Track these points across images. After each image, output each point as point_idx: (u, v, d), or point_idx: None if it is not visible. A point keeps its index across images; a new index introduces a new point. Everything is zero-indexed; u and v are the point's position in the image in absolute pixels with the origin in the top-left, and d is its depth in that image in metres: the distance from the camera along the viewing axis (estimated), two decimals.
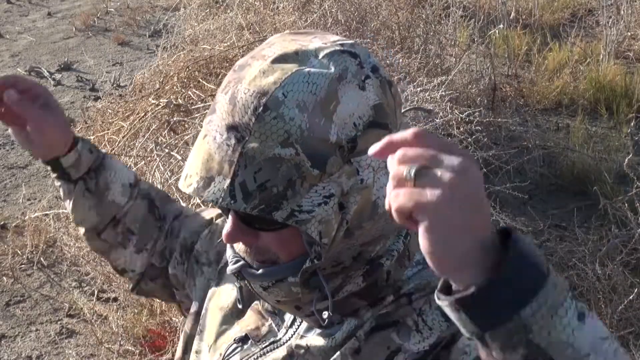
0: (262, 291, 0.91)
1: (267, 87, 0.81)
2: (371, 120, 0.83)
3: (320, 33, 0.89)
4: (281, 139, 0.80)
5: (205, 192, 0.83)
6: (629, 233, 3.17)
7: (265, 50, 0.86)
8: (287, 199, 0.80)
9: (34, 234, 3.84)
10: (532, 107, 4.84)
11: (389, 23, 4.50)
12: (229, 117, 0.82)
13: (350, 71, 0.83)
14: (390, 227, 0.88)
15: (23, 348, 3.24)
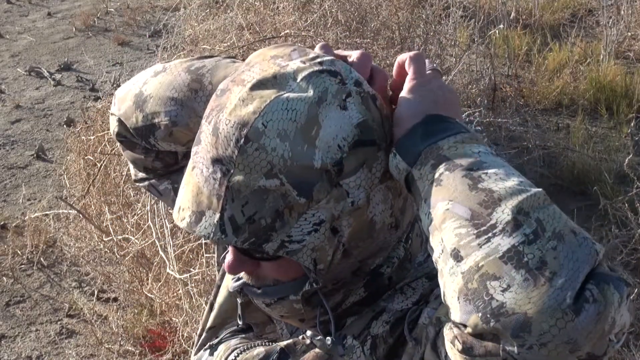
0: (265, 307, 0.92)
1: (247, 117, 0.79)
2: (356, 139, 0.81)
3: (299, 48, 0.87)
4: (265, 170, 0.79)
5: (197, 227, 0.82)
6: (629, 233, 3.17)
7: (245, 74, 0.84)
8: (276, 230, 0.80)
9: (34, 234, 3.84)
10: (532, 107, 4.84)
11: (389, 23, 4.50)
12: (213, 149, 0.81)
13: (330, 92, 0.81)
14: (390, 240, 0.88)
15: (23, 348, 3.24)
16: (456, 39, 4.90)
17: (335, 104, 0.81)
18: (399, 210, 0.87)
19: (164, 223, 2.74)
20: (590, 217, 3.55)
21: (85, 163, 3.65)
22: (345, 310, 0.92)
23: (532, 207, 0.70)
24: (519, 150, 4.14)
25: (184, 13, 5.26)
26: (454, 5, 4.92)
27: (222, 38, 4.14)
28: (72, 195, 3.83)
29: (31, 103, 5.74)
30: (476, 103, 4.43)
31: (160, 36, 6.07)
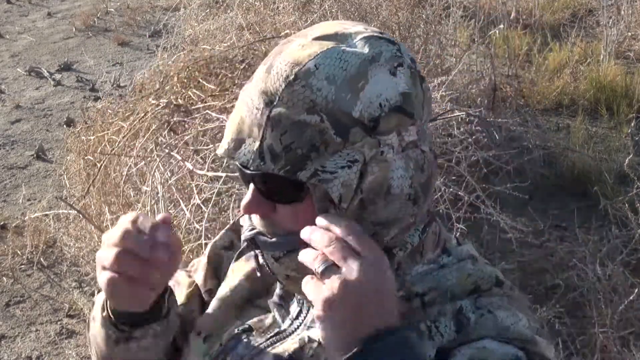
0: (273, 262, 0.92)
1: (301, 58, 0.85)
2: (397, 105, 0.85)
3: (365, 24, 0.92)
4: (307, 106, 0.83)
5: (237, 153, 0.87)
6: (629, 233, 3.16)
7: (310, 30, 0.90)
8: (312, 159, 0.84)
9: (34, 234, 3.84)
10: (533, 107, 4.84)
11: (389, 23, 4.49)
12: (262, 83, 0.86)
13: (384, 56, 0.86)
14: (406, 213, 0.89)
15: (23, 348, 3.24)
16: (456, 39, 4.90)
17: (387, 67, 0.86)
18: (419, 184, 0.89)
19: None
20: (590, 217, 3.55)
21: (85, 163, 3.65)
22: None
23: None
24: (519, 150, 4.14)
25: (184, 13, 5.26)
26: (454, 5, 4.92)
27: (222, 38, 4.14)
28: (72, 196, 3.83)
29: (31, 103, 5.74)
30: (476, 103, 4.42)
31: (160, 36, 6.08)
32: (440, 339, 0.88)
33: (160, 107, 3.34)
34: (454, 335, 0.88)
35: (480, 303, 0.90)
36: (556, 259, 3.29)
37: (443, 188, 3.00)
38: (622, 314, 2.74)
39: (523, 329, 0.88)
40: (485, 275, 0.94)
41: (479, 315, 0.88)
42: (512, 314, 0.89)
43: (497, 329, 0.87)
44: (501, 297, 0.91)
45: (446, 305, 0.91)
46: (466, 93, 4.40)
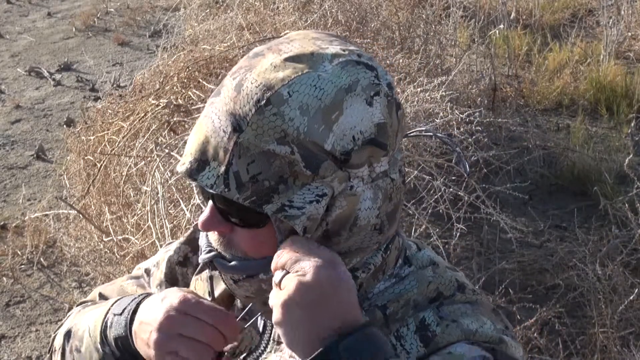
0: (232, 284, 0.90)
1: (274, 82, 0.80)
2: (372, 137, 0.82)
3: (342, 41, 0.88)
4: (277, 136, 0.79)
5: (200, 175, 0.83)
6: (629, 233, 3.16)
7: (283, 45, 0.85)
8: (279, 193, 0.81)
9: (34, 234, 3.84)
10: (533, 107, 4.84)
11: (389, 23, 4.49)
12: (230, 103, 0.82)
13: (361, 84, 0.82)
14: (370, 242, 0.88)
15: (23, 348, 3.24)
16: (456, 39, 4.90)
17: (363, 97, 0.82)
18: (386, 214, 0.87)
19: (164, 223, 2.73)
20: (590, 217, 3.55)
21: (85, 163, 3.64)
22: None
23: None
24: (519, 150, 4.14)
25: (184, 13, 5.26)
26: (454, 5, 4.91)
27: (222, 38, 4.14)
28: (72, 196, 3.83)
29: (31, 103, 5.74)
30: (476, 103, 4.42)
31: (160, 36, 6.08)
32: (405, 356, 0.87)
33: (160, 107, 3.33)
34: (423, 350, 0.87)
35: (442, 312, 0.89)
36: (556, 259, 3.29)
37: (443, 188, 3.00)
38: (622, 314, 2.74)
39: (489, 331, 0.87)
40: (446, 280, 0.93)
41: (444, 326, 0.87)
42: (476, 319, 0.88)
43: (465, 335, 0.86)
44: (464, 304, 0.90)
45: (409, 316, 0.89)
46: (466, 93, 4.40)
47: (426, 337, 0.87)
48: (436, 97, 3.41)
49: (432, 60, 4.42)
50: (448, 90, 3.55)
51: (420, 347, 0.87)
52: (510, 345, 0.88)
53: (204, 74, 3.62)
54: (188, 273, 1.09)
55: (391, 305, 0.91)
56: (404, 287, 0.92)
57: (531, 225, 3.63)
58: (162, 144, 3.09)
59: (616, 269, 2.86)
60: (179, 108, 3.29)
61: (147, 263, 1.17)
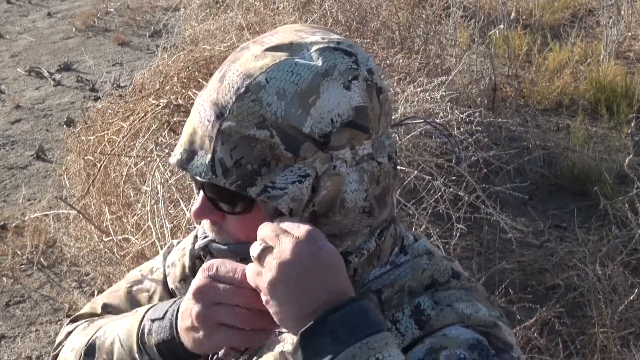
0: None
1: (253, 70, 0.84)
2: (350, 120, 0.84)
3: (326, 31, 0.90)
4: (256, 121, 0.83)
5: (189, 164, 0.86)
6: (629, 233, 3.16)
7: (267, 38, 0.88)
8: (262, 175, 0.84)
9: (34, 234, 3.84)
10: (533, 107, 4.84)
11: (389, 23, 4.49)
12: (214, 93, 0.86)
13: (338, 69, 0.84)
14: (360, 226, 0.89)
15: (23, 348, 3.24)
16: (456, 39, 4.90)
17: (340, 81, 0.84)
18: (374, 197, 0.89)
19: (164, 223, 2.73)
20: (590, 217, 3.55)
21: (85, 163, 3.64)
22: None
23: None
24: (519, 150, 4.14)
25: (184, 13, 5.26)
26: (454, 5, 4.91)
27: (222, 38, 4.14)
28: (72, 196, 3.83)
29: (31, 103, 5.74)
30: (476, 103, 4.42)
31: (160, 36, 6.08)
32: (401, 338, 0.88)
33: (160, 107, 3.33)
34: (418, 333, 0.88)
35: (437, 297, 0.90)
36: (556, 259, 3.29)
37: (443, 188, 3.00)
38: (622, 314, 2.74)
39: (484, 316, 0.88)
40: (441, 268, 0.94)
41: (438, 310, 0.88)
42: (471, 304, 0.89)
43: (460, 318, 0.87)
44: (459, 290, 0.91)
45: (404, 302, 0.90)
46: (466, 93, 4.40)
47: (421, 320, 0.88)
48: (436, 97, 3.41)
49: (432, 60, 4.42)
50: (448, 90, 3.55)
51: (415, 329, 0.88)
52: (505, 330, 0.88)
53: (204, 74, 3.62)
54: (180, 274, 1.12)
55: (386, 291, 0.92)
56: (399, 273, 0.93)
57: (531, 225, 3.63)
58: (162, 144, 3.09)
59: (616, 269, 2.86)
60: (179, 108, 3.29)
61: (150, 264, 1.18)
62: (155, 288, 1.14)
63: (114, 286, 1.20)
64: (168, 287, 1.13)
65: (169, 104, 3.30)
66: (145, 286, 1.15)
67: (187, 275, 1.11)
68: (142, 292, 1.15)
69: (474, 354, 0.83)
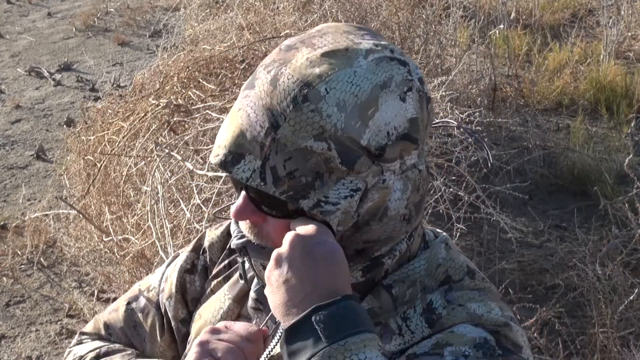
0: (261, 270, 0.91)
1: (311, 78, 0.81)
2: (405, 132, 0.84)
3: (373, 34, 0.89)
4: (315, 132, 0.81)
5: (235, 167, 0.83)
6: (629, 233, 3.16)
7: (316, 39, 0.86)
8: (315, 189, 0.82)
9: (34, 234, 3.84)
10: (533, 107, 4.84)
11: (389, 23, 4.49)
12: (267, 97, 0.82)
13: (395, 80, 0.83)
14: (398, 232, 0.89)
15: (23, 348, 3.24)
16: (456, 39, 4.90)
17: (397, 93, 0.83)
18: (414, 204, 0.89)
19: (164, 223, 2.73)
20: (590, 217, 3.55)
21: (85, 163, 3.64)
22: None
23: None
24: (519, 150, 4.14)
25: (184, 13, 5.26)
26: (454, 5, 4.91)
27: (222, 38, 4.14)
28: (72, 196, 3.83)
29: (31, 103, 5.74)
30: (476, 103, 4.43)
31: (160, 36, 6.08)
32: (410, 335, 0.88)
33: (160, 107, 3.34)
34: (428, 331, 0.88)
35: (450, 296, 0.89)
36: (556, 259, 3.29)
37: (443, 188, 3.00)
38: (622, 314, 2.74)
39: (496, 316, 0.87)
40: (457, 264, 0.93)
41: (450, 309, 0.88)
42: (484, 304, 0.89)
43: (470, 317, 0.87)
44: (472, 290, 0.91)
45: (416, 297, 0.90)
46: (466, 93, 4.40)
47: (432, 319, 0.88)
48: (436, 97, 3.41)
49: (432, 60, 4.42)
50: (448, 90, 3.55)
51: (425, 327, 0.88)
52: (516, 330, 0.88)
53: (204, 74, 3.62)
54: (195, 279, 1.11)
55: (397, 285, 0.92)
56: (413, 267, 0.93)
57: (531, 225, 3.63)
58: (162, 144, 3.09)
59: (616, 269, 2.86)
60: (179, 108, 3.29)
61: (149, 281, 1.18)
62: (149, 309, 1.14)
63: (114, 303, 1.21)
64: (160, 309, 1.13)
65: (169, 104, 3.30)
66: (140, 305, 1.15)
67: (172, 293, 1.12)
68: (138, 312, 1.15)
69: (478, 352, 0.83)
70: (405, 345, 0.88)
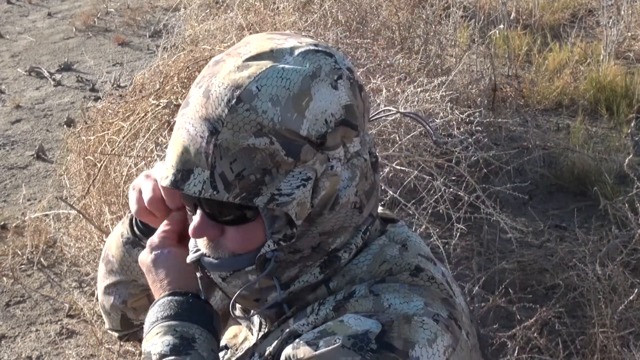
0: (221, 282, 0.92)
1: (241, 80, 0.83)
2: (342, 118, 0.85)
3: (295, 35, 0.91)
4: (254, 129, 0.82)
5: (186, 184, 0.85)
6: (629, 233, 3.16)
7: (241, 49, 0.88)
8: (266, 184, 0.83)
9: (34, 234, 3.84)
10: (533, 107, 4.84)
11: (389, 23, 4.49)
12: (202, 109, 0.84)
13: (324, 70, 0.85)
14: (350, 222, 0.90)
15: (23, 348, 3.24)
16: (456, 39, 4.90)
17: (328, 81, 0.85)
18: (363, 192, 0.90)
19: None
20: (590, 217, 3.55)
21: (86, 163, 3.64)
22: (297, 294, 0.92)
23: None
24: (519, 150, 4.14)
25: (184, 13, 5.26)
26: (454, 5, 4.91)
27: (222, 38, 4.14)
28: (72, 196, 3.83)
29: (31, 103, 5.74)
30: (476, 103, 4.42)
31: (160, 36, 6.08)
32: (314, 317, 0.89)
33: (160, 107, 3.34)
34: (332, 314, 0.88)
35: (376, 287, 0.88)
36: (556, 259, 3.29)
37: (443, 188, 3.00)
38: (622, 314, 2.74)
39: (407, 308, 0.84)
40: (403, 262, 0.91)
41: (362, 297, 0.87)
42: (404, 296, 0.86)
43: (375, 308, 0.85)
44: (403, 284, 0.88)
45: (338, 293, 0.90)
46: (466, 93, 4.40)
47: (340, 304, 0.88)
48: (436, 97, 3.41)
49: (432, 60, 4.42)
50: (448, 91, 3.55)
51: (330, 311, 0.88)
52: (424, 327, 0.83)
53: None
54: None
55: (335, 279, 0.92)
56: (357, 262, 0.92)
57: (531, 225, 3.63)
58: (162, 144, 3.09)
59: (616, 269, 2.86)
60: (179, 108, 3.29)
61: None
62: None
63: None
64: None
65: (169, 104, 3.30)
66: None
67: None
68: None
69: (348, 342, 0.81)
70: (307, 325, 0.88)
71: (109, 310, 1.14)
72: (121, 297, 1.12)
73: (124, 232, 1.09)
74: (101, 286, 1.14)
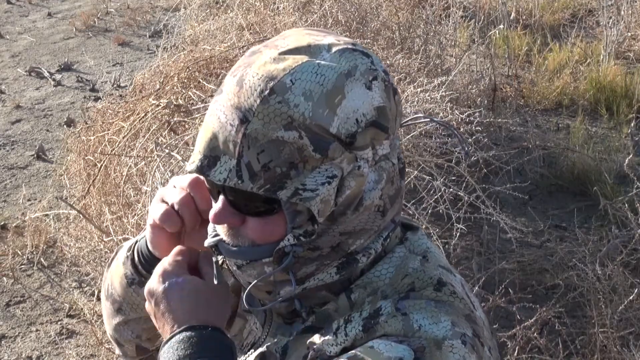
0: (236, 269, 0.92)
1: (275, 72, 0.83)
2: (373, 120, 0.85)
3: (334, 33, 0.91)
4: (284, 122, 0.82)
5: (211, 171, 0.85)
6: (629, 233, 3.16)
7: (279, 41, 0.88)
8: (291, 178, 0.83)
9: (34, 234, 3.84)
10: (533, 107, 4.84)
11: (389, 23, 4.49)
12: (234, 97, 0.84)
13: (359, 69, 0.85)
14: (372, 224, 0.89)
15: (23, 348, 3.24)
16: (456, 39, 4.90)
17: (362, 81, 0.85)
18: (388, 196, 0.90)
19: None
20: (590, 217, 3.55)
21: (86, 163, 3.65)
22: (312, 290, 0.91)
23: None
24: (519, 150, 4.14)
25: (184, 13, 5.26)
26: (454, 5, 4.92)
27: (223, 38, 4.14)
28: (72, 196, 3.83)
29: (31, 103, 5.74)
30: (476, 103, 4.43)
31: (160, 36, 6.08)
32: (343, 338, 0.87)
33: (160, 107, 3.34)
34: (361, 335, 0.87)
35: (401, 304, 0.87)
36: (556, 259, 3.29)
37: (443, 188, 3.00)
38: (622, 314, 2.74)
39: (438, 331, 0.84)
40: (426, 276, 0.90)
41: (390, 317, 0.86)
42: (432, 316, 0.85)
43: (404, 330, 0.84)
44: (428, 301, 0.87)
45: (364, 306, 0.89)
46: (466, 93, 4.41)
47: (369, 324, 0.87)
48: (436, 97, 3.42)
49: (432, 60, 4.42)
50: (448, 91, 3.55)
51: (359, 332, 0.87)
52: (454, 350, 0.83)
53: (204, 74, 3.62)
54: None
55: (357, 291, 0.91)
56: (378, 273, 0.91)
57: (531, 225, 3.63)
58: (162, 144, 3.09)
59: (616, 269, 2.86)
60: (179, 108, 3.29)
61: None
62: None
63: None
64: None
65: (169, 104, 3.30)
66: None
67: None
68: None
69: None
70: (336, 346, 0.88)
71: (123, 343, 1.12)
72: (134, 332, 1.10)
73: (127, 272, 1.05)
74: (111, 323, 1.12)
